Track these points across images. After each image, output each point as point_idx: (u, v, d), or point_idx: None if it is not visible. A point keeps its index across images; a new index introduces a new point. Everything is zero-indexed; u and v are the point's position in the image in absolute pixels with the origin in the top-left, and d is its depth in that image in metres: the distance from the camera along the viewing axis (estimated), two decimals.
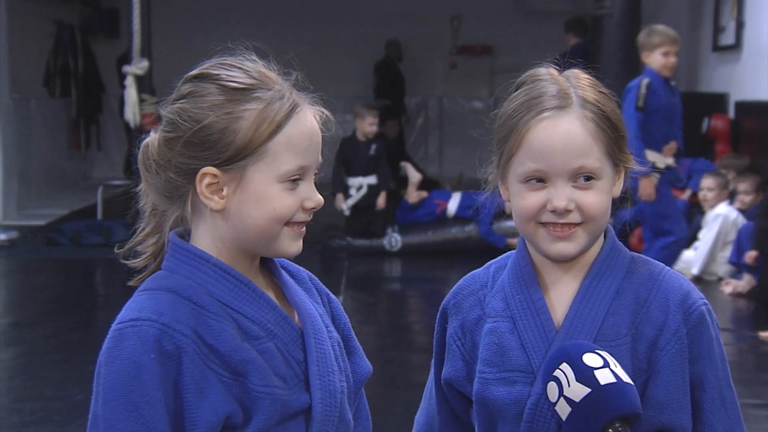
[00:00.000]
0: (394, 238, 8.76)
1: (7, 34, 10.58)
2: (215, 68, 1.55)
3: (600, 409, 1.49)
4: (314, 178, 1.57)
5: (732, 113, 9.29)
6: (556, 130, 1.59)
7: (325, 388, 1.56)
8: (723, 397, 1.64)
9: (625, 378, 1.52)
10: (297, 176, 1.54)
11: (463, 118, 14.07)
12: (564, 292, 1.65)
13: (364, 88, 13.45)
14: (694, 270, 7.38)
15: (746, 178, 7.66)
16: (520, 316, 1.65)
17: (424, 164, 13.10)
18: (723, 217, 7.48)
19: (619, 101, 1.68)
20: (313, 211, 1.57)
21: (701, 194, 7.65)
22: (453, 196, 8.98)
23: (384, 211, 8.80)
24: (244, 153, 1.51)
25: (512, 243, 8.00)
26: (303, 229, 1.58)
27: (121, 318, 1.50)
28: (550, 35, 10.92)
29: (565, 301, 1.65)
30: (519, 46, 12.56)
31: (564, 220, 1.60)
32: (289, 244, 1.56)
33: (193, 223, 1.57)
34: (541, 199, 1.60)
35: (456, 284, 1.78)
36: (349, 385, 1.63)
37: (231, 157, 1.51)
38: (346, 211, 8.73)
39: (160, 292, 1.51)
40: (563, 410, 1.52)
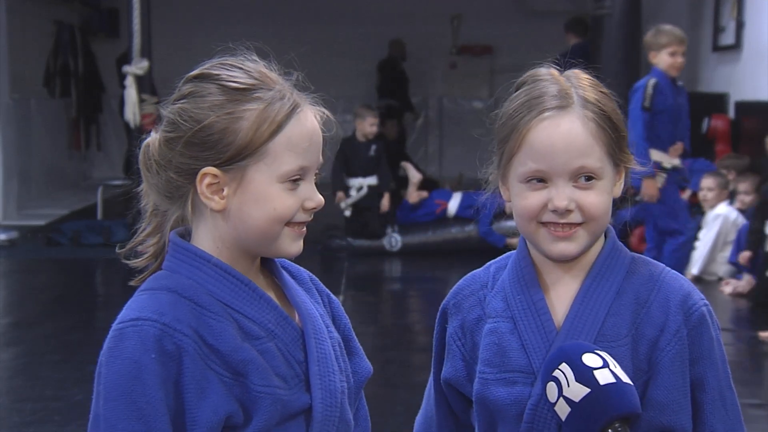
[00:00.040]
0: (394, 238, 8.75)
1: (7, 34, 10.58)
2: (216, 68, 1.55)
3: (599, 409, 1.49)
4: (315, 179, 1.57)
5: (732, 113, 9.29)
6: (557, 130, 1.59)
7: (325, 388, 1.56)
8: (723, 397, 1.64)
9: (625, 378, 1.52)
10: (297, 176, 1.54)
11: (463, 118, 14.07)
12: (564, 292, 1.65)
13: (364, 89, 13.43)
14: (694, 270, 7.38)
15: (746, 178, 7.66)
16: (520, 317, 1.65)
17: (424, 164, 13.09)
18: (723, 217, 7.48)
19: (619, 101, 1.68)
20: (314, 212, 1.57)
21: (701, 194, 7.64)
22: (454, 195, 8.98)
23: (385, 211, 8.79)
24: (244, 153, 1.51)
25: (511, 243, 8.00)
26: (303, 230, 1.58)
27: (121, 318, 1.50)
28: (550, 35, 10.93)
29: (565, 301, 1.64)
30: (519, 46, 12.56)
31: (565, 220, 1.60)
32: (289, 245, 1.56)
33: (194, 223, 1.57)
34: (542, 199, 1.60)
35: (456, 284, 1.78)
36: (350, 386, 1.63)
37: (231, 157, 1.51)
38: (347, 211, 8.73)
39: (161, 291, 1.51)
40: (563, 410, 1.52)
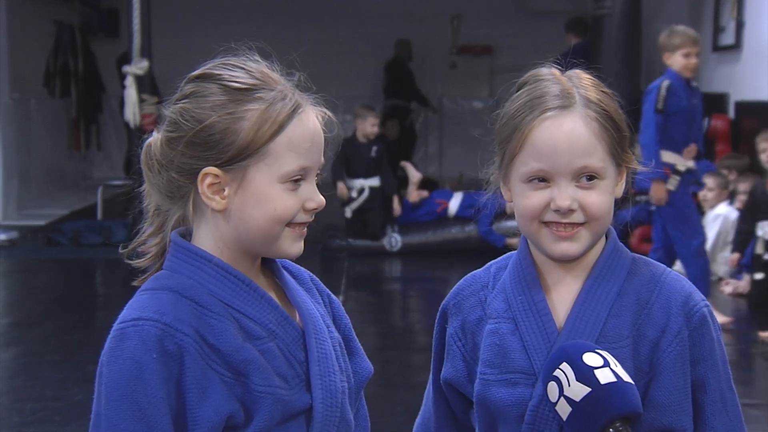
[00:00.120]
0: (394, 238, 8.75)
1: (7, 34, 10.58)
2: (218, 68, 1.55)
3: (600, 408, 1.49)
4: (316, 179, 1.57)
5: (732, 113, 9.29)
6: (559, 130, 1.59)
7: (326, 388, 1.56)
8: (724, 398, 1.64)
9: (626, 377, 1.51)
10: (298, 177, 1.53)
11: (463, 118, 14.07)
12: (566, 293, 1.65)
13: (367, 89, 13.43)
14: None
15: (746, 178, 7.66)
16: (521, 318, 1.64)
17: (424, 164, 13.09)
18: (723, 218, 7.48)
19: (620, 101, 1.68)
20: (315, 212, 1.57)
21: (701, 194, 7.64)
22: (455, 195, 8.97)
23: (384, 211, 8.78)
24: (245, 153, 1.50)
25: (511, 243, 8.00)
26: (304, 230, 1.57)
27: (122, 318, 1.50)
28: (550, 35, 10.93)
29: (566, 302, 1.64)
30: (519, 46, 12.55)
31: (567, 219, 1.60)
32: (290, 245, 1.56)
33: (195, 223, 1.57)
34: (544, 199, 1.60)
35: (456, 284, 1.77)
36: (350, 386, 1.63)
37: (233, 157, 1.51)
38: (348, 213, 8.71)
39: (162, 291, 1.51)
40: (564, 410, 1.52)
